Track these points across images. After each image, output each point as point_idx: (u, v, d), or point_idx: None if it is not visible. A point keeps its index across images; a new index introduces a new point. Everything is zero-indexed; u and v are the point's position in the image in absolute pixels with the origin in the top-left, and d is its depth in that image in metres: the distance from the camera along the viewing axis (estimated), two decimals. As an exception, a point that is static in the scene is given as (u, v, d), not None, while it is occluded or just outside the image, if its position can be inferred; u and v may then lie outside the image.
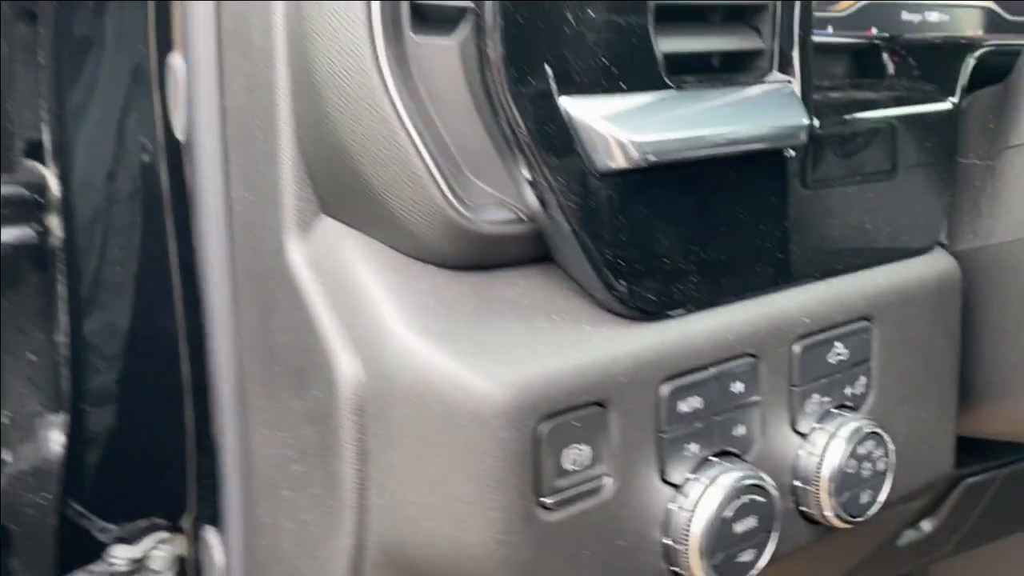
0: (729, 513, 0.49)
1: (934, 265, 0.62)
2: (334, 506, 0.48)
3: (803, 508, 0.56)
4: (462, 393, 0.43)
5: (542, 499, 0.45)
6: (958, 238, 0.67)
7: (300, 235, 0.50)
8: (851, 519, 0.56)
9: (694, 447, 0.50)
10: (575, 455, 0.45)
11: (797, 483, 0.55)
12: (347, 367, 0.46)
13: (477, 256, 0.48)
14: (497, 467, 0.43)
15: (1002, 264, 0.64)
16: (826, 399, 0.56)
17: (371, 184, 0.46)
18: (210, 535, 0.60)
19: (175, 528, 0.83)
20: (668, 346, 0.48)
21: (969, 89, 0.67)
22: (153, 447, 0.76)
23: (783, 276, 0.54)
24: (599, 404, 0.46)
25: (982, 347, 0.67)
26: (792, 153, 0.54)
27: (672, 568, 0.50)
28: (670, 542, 0.49)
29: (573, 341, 0.46)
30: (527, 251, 0.49)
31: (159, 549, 0.82)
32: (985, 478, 0.88)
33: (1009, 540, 1.17)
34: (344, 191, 0.48)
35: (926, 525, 0.89)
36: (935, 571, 1.28)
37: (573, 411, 0.45)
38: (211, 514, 0.59)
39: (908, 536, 0.88)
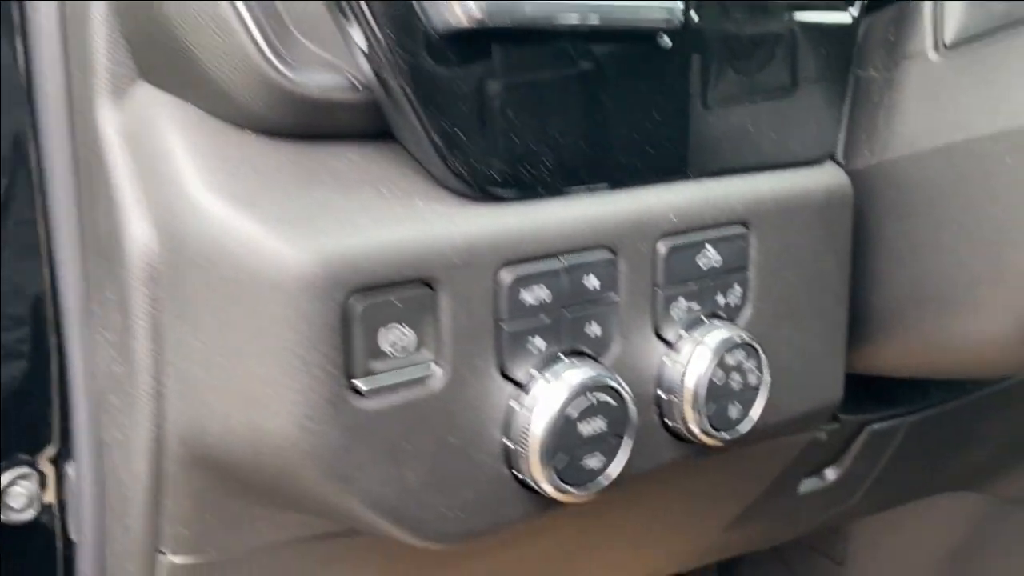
0: (573, 412, 0.45)
1: (822, 177, 0.59)
2: (134, 395, 0.44)
3: (668, 421, 0.52)
4: (261, 260, 0.39)
5: (354, 383, 0.41)
6: (855, 156, 0.64)
7: (114, 103, 0.45)
8: (718, 434, 0.53)
9: (539, 342, 0.46)
10: (395, 337, 0.41)
11: (661, 393, 0.52)
12: (139, 233, 0.41)
13: (304, 124, 0.44)
14: (299, 343, 0.39)
15: (897, 182, 0.61)
16: (695, 305, 0.52)
17: (179, 37, 0.42)
18: (70, 468, 0.55)
19: (35, 464, 0.77)
20: (511, 230, 0.44)
21: (869, 7, 0.64)
22: (15, 377, 0.71)
23: (650, 171, 0.51)
24: (426, 284, 0.42)
25: (878, 274, 0.64)
26: (668, 42, 0.50)
27: (514, 472, 0.46)
28: (510, 443, 0.46)
29: (400, 215, 0.42)
30: (366, 123, 0.45)
31: (18, 485, 0.77)
32: (890, 425, 0.85)
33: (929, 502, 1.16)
34: (157, 50, 0.43)
35: (830, 474, 0.86)
36: (853, 531, 1.27)
37: (393, 288, 0.41)
38: (70, 446, 0.55)
39: (810, 485, 0.85)
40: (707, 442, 0.53)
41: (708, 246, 0.52)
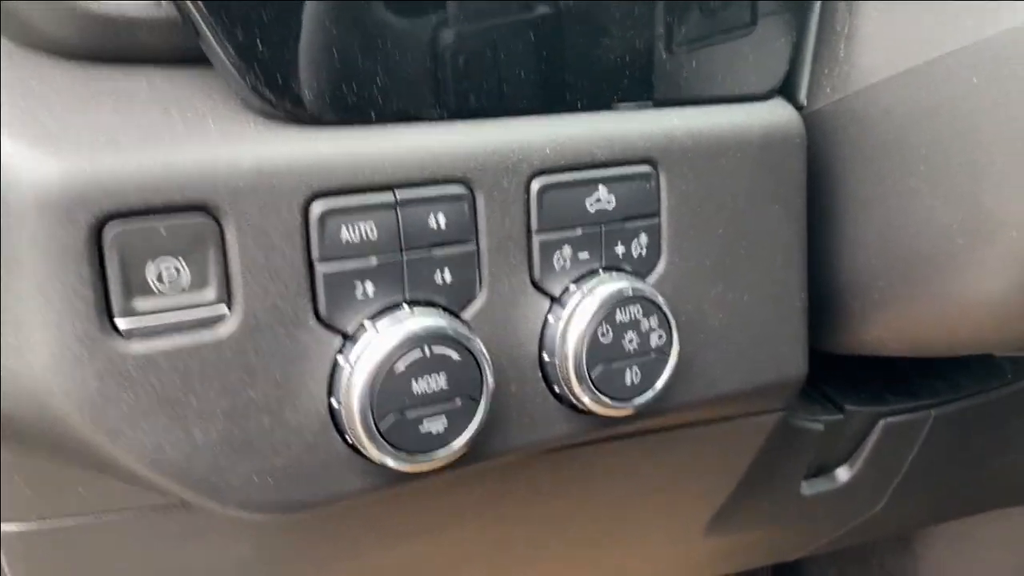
0: (402, 367, 0.39)
1: (760, 113, 0.51)
2: None
3: (555, 388, 0.46)
4: (3, 179, 0.34)
5: (115, 321, 0.36)
6: (817, 94, 0.55)
7: None
8: (611, 401, 0.45)
9: (369, 287, 0.40)
10: (165, 272, 0.36)
11: (544, 355, 0.45)
12: None
13: (106, 45, 0.39)
14: (42, 273, 0.34)
15: (859, 119, 0.52)
16: (585, 255, 0.45)
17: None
18: None
19: None
20: (324, 156, 0.39)
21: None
22: None
23: (523, 100, 0.44)
24: (205, 211, 0.37)
25: (846, 231, 0.55)
26: None
27: (343, 436, 0.41)
28: (335, 402, 0.40)
29: (180, 135, 0.37)
30: (178, 45, 0.41)
31: None
32: (911, 419, 0.75)
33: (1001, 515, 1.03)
34: None
35: (841, 474, 0.76)
36: (921, 549, 1.15)
37: (162, 215, 0.36)
38: None
39: (817, 486, 0.76)
40: (602, 413, 0.46)
41: (601, 186, 0.45)
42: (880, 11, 0.51)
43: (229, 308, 0.38)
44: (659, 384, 0.46)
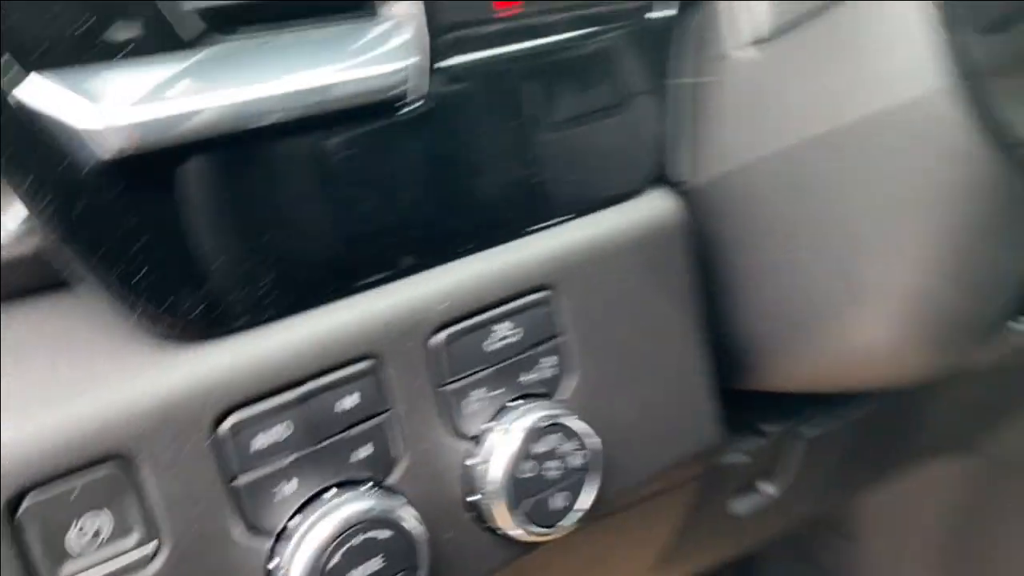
0: (336, 559, 0.40)
1: (640, 211, 0.52)
2: None
3: (490, 525, 0.47)
4: None
5: None
6: (699, 169, 0.57)
7: None
8: (546, 531, 0.47)
9: (289, 488, 0.40)
10: (89, 528, 0.36)
11: (472, 497, 0.46)
12: None
13: None
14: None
15: (731, 198, 0.55)
16: (497, 392, 0.47)
17: None
18: None
19: None
20: (228, 371, 0.39)
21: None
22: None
23: (407, 259, 0.45)
24: (120, 456, 0.36)
25: (742, 299, 0.57)
26: (414, 103, 0.44)
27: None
28: (273, 612, 0.40)
29: (80, 380, 0.36)
30: (46, 271, 0.40)
31: None
32: (830, 430, 0.79)
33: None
34: None
35: (767, 488, 0.80)
36: (861, 508, 1.21)
37: (73, 474, 0.35)
38: None
39: (747, 503, 0.79)
40: (535, 540, 0.47)
41: (496, 326, 0.46)
42: (737, 93, 0.53)
43: (158, 543, 0.38)
44: (587, 503, 0.48)
